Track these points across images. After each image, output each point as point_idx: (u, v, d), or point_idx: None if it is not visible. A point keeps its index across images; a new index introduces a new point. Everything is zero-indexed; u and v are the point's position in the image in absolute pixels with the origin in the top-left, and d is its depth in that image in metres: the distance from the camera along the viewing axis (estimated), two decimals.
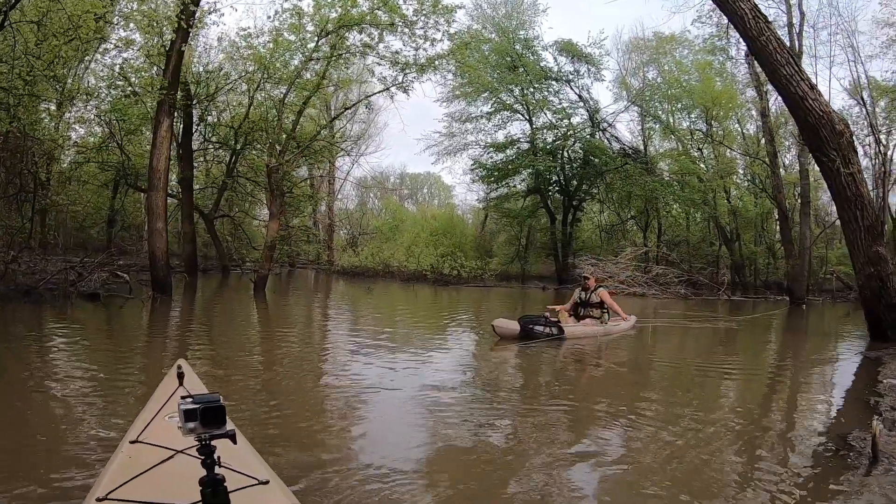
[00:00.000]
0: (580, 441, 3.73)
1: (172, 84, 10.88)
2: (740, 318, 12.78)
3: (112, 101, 13.11)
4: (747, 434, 4.08)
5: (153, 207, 11.17)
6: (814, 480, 3.20)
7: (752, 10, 9.12)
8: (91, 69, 13.47)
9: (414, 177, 47.35)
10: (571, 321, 8.06)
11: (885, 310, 8.30)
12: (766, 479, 3.17)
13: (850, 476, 3.22)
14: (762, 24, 9.07)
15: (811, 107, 8.65)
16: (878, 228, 8.45)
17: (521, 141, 22.73)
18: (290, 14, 13.24)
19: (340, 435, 3.70)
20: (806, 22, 16.18)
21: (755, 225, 22.31)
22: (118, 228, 18.59)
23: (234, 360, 5.90)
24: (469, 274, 20.06)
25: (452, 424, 3.91)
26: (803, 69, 8.91)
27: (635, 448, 3.65)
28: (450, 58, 14.12)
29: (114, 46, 11.35)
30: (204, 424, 1.58)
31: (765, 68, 9.48)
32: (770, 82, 9.98)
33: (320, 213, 29.52)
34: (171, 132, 11.33)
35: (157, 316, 9.23)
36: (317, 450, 3.30)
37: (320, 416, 4.10)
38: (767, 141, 17.43)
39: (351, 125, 28.25)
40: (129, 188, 17.29)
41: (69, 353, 5.99)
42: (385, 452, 3.28)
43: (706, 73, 20.15)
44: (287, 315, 10.66)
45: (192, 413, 1.57)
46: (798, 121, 9.30)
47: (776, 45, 8.98)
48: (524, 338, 7.36)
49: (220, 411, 1.60)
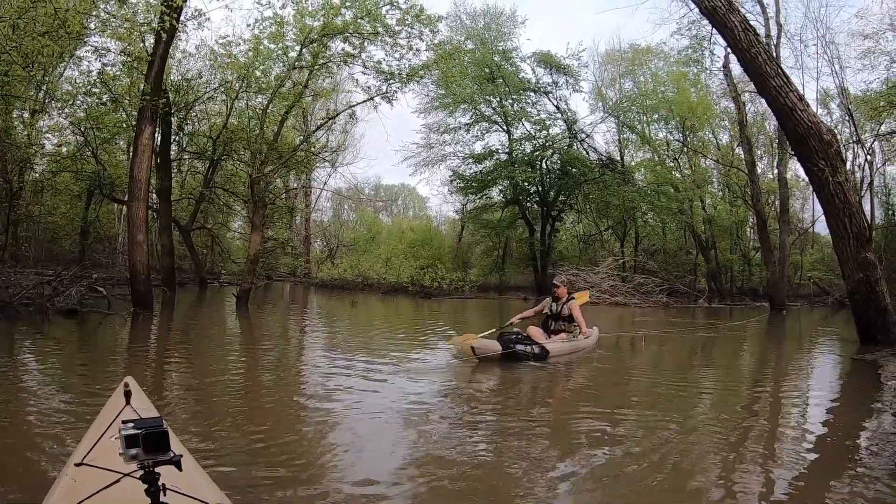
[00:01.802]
0: (565, 456, 3.57)
1: (155, 90, 10.51)
2: (732, 323, 13.03)
3: (88, 109, 12.56)
4: (769, 438, 4.16)
5: (134, 219, 10.71)
6: (843, 484, 3.20)
7: (742, 23, 9.32)
8: (66, 76, 12.96)
9: (389, 188, 47.24)
10: (542, 336, 7.22)
11: (875, 314, 8.52)
12: (792, 481, 3.23)
13: (874, 483, 3.20)
14: (752, 36, 9.27)
15: (800, 118, 8.85)
16: (865, 235, 8.68)
17: (499, 152, 22.84)
18: (271, 22, 13.04)
19: (315, 454, 3.51)
20: (789, 35, 16.71)
21: (730, 233, 22.85)
22: (91, 240, 17.86)
23: (219, 378, 5.59)
24: (450, 286, 19.93)
25: (432, 441, 3.75)
26: (792, 81, 9.11)
27: (631, 459, 3.53)
28: (435, 68, 14.08)
29: (93, 51, 10.90)
30: (147, 451, 1.51)
31: (754, 80, 9.66)
32: (759, 94, 10.17)
33: (296, 224, 29.04)
34: (152, 140, 10.93)
35: (141, 333, 8.79)
36: (291, 469, 3.14)
37: (296, 434, 3.86)
38: (745, 150, 17.88)
39: (327, 136, 27.99)
40: (105, 199, 16.63)
41: (43, 373, 5.53)
42: (359, 471, 3.15)
43: (682, 84, 20.60)
44: (272, 331, 10.26)
45: (133, 439, 1.51)
46: (787, 131, 9.52)
47: (765, 58, 9.19)
48: (507, 357, 6.61)
49: (163, 436, 1.53)
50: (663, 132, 23.14)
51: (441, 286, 19.73)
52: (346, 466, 3.25)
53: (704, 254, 22.02)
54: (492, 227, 23.69)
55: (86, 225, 17.10)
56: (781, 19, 15.42)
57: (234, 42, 13.73)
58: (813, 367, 7.87)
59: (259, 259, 14.43)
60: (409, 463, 3.34)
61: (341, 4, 13.13)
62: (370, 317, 13.47)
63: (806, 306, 19.05)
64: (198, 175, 20.35)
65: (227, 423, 3.97)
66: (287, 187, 23.93)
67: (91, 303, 10.24)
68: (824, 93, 15.75)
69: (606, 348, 8.06)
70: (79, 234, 17.21)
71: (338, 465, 3.27)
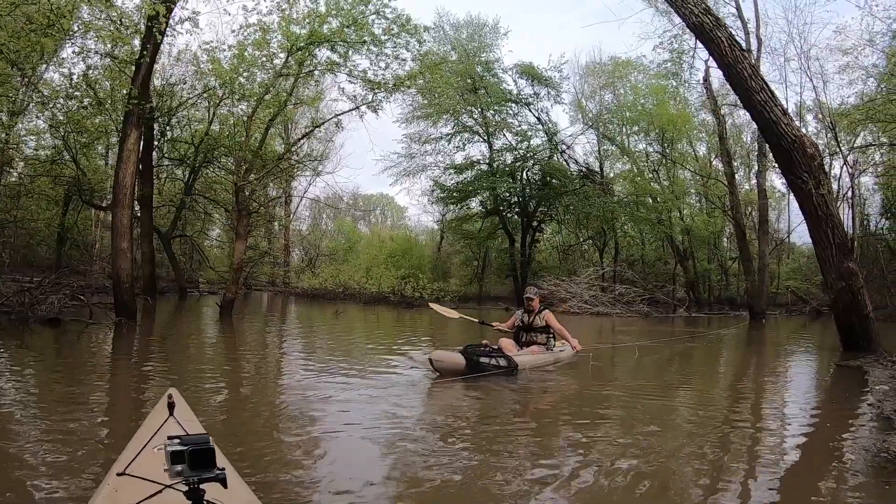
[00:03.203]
0: (545, 468, 3.51)
1: (142, 94, 10.31)
2: (716, 332, 13.27)
3: (68, 112, 12.25)
4: (760, 443, 4.28)
5: (118, 226, 10.44)
6: (844, 490, 3.29)
7: (729, 38, 9.56)
8: (45, 80, 12.62)
9: (367, 197, 47.02)
10: (514, 349, 6.80)
11: (858, 321, 8.77)
12: (782, 482, 3.37)
13: (882, 478, 3.39)
14: (738, 52, 9.53)
15: (784, 131, 9.10)
16: (847, 245, 8.94)
17: (480, 163, 22.89)
18: (255, 29, 12.93)
19: (291, 465, 3.43)
20: (770, 49, 17.20)
21: (708, 243, 23.34)
22: (68, 247, 17.36)
23: (214, 389, 5.49)
24: (431, 296, 19.87)
25: (412, 458, 3.64)
26: (776, 95, 9.38)
27: (615, 466, 3.54)
28: (421, 78, 14.12)
29: (79, 52, 10.65)
30: (192, 467, 1.50)
31: (739, 94, 9.91)
32: (744, 107, 10.45)
33: (275, 233, 28.69)
34: (138, 145, 10.70)
35: (126, 343, 8.55)
36: (273, 481, 3.08)
37: (279, 448, 3.76)
38: (725, 163, 18.32)
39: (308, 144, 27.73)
40: (84, 204, 16.21)
41: (23, 389, 5.16)
42: (338, 483, 3.10)
43: (661, 97, 21.05)
44: (259, 341, 10.04)
45: (178, 455, 1.50)
46: (771, 145, 9.77)
47: (751, 73, 9.43)
48: (472, 370, 6.04)
49: (209, 454, 1.52)
50: (643, 144, 23.62)
51: (422, 296, 19.68)
52: (321, 478, 3.19)
53: (683, 264, 22.45)
54: (472, 237, 23.73)
55: (63, 231, 16.63)
56: (762, 34, 15.88)
57: (218, 48, 13.61)
58: (800, 374, 8.09)
59: (243, 268, 14.22)
60: (386, 477, 3.28)
61: (328, 13, 13.14)
62: (355, 327, 13.34)
63: (784, 315, 19.54)
64: (177, 182, 19.98)
65: (222, 435, 3.84)
66: (267, 198, 23.65)
67: (72, 311, 9.91)
68: (800, 106, 16.22)
69: (597, 359, 7.85)
70: (56, 240, 16.73)
71: (315, 479, 3.20)
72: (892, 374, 6.60)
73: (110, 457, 3.23)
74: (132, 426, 4.07)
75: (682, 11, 10.12)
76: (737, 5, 15.78)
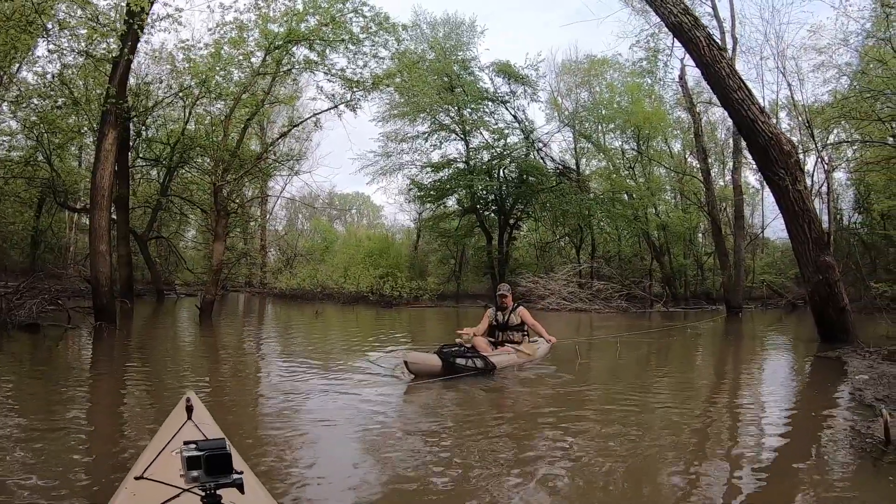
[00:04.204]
0: (527, 466, 3.52)
1: (120, 93, 10.08)
2: (695, 324, 13.53)
3: (42, 112, 11.88)
4: (743, 432, 4.47)
5: (96, 228, 10.19)
6: (835, 471, 3.49)
7: (707, 38, 9.77)
8: (17, 79, 12.20)
9: (343, 197, 46.68)
10: (489, 348, 6.67)
11: (834, 313, 9.05)
12: (781, 473, 3.46)
13: (868, 461, 3.61)
14: (716, 51, 9.74)
15: (761, 129, 9.34)
16: (824, 239, 9.23)
17: (457, 161, 22.85)
18: (232, 27, 12.71)
19: (278, 466, 3.43)
20: (745, 49, 17.57)
21: (683, 239, 23.79)
22: (42, 250, 16.84)
23: (204, 393, 5.39)
24: (410, 295, 19.84)
25: (392, 460, 3.64)
26: (753, 94, 9.61)
27: (595, 461, 3.59)
28: (399, 77, 14.04)
29: (54, 50, 10.33)
30: (209, 473, 1.49)
31: (717, 93, 10.11)
32: (722, 106, 10.67)
33: (251, 234, 28.26)
34: (116, 146, 10.44)
35: (108, 347, 8.35)
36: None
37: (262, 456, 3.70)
38: (701, 160, 18.66)
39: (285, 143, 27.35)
40: (59, 207, 15.75)
41: (8, 396, 5.04)
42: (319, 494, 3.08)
43: (637, 95, 21.34)
44: (242, 343, 9.88)
45: (195, 461, 1.50)
46: (749, 142, 9.98)
47: (728, 71, 9.65)
48: (448, 372, 5.97)
49: (226, 459, 1.51)
50: (618, 141, 23.88)
51: (401, 295, 19.62)
52: (297, 482, 3.17)
53: (659, 259, 22.83)
54: (449, 235, 23.71)
55: (37, 234, 16.13)
56: (737, 33, 16.24)
57: (194, 46, 13.34)
58: (781, 365, 8.31)
59: (222, 269, 13.98)
60: (365, 480, 3.27)
61: (305, 11, 13.00)
62: (336, 327, 13.21)
63: (760, 308, 20.03)
64: (153, 182, 19.58)
65: None
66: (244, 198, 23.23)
67: (50, 316, 9.65)
68: (776, 104, 16.64)
69: (577, 354, 7.70)
70: (29, 243, 16.21)
71: (293, 481, 3.19)
72: (870, 364, 6.84)
73: (117, 460, 3.19)
74: (131, 432, 4.03)
75: (661, 11, 10.29)
76: (713, 4, 16.11)
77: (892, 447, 3.75)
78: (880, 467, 3.50)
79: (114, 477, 2.93)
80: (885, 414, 3.90)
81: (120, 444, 3.69)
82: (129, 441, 3.78)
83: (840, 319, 9.00)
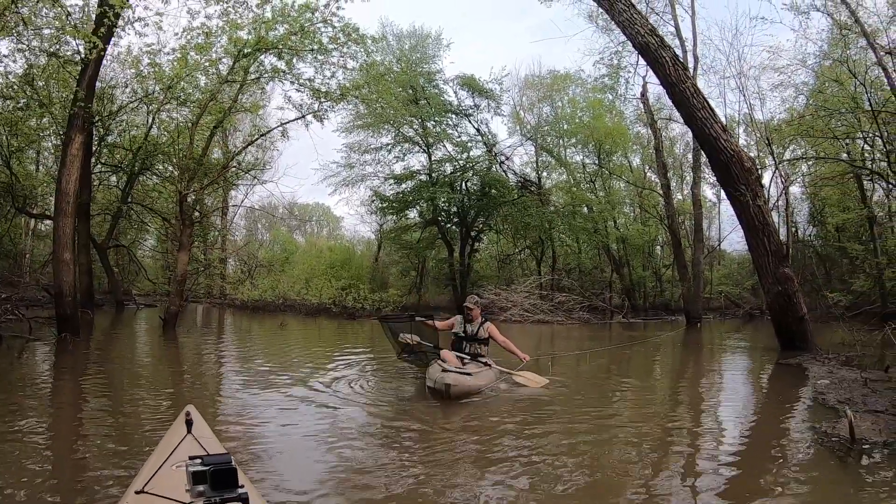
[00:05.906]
0: (490, 476, 3.54)
1: (88, 96, 9.80)
2: (659, 335, 13.90)
3: (2, 113, 11.38)
4: (722, 436, 4.64)
5: (60, 236, 9.79)
6: (808, 469, 3.74)
7: (672, 58, 10.24)
8: None
9: (303, 207, 46.06)
10: (456, 361, 6.25)
11: (794, 322, 9.51)
12: (757, 472, 3.64)
13: (836, 458, 3.90)
14: (681, 71, 10.21)
15: (723, 146, 9.80)
16: (782, 252, 9.72)
17: (420, 173, 22.75)
18: (199, 33, 12.51)
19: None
20: (709, 69, 18.33)
21: (642, 251, 24.48)
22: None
23: (166, 409, 5.24)
24: (373, 307, 19.69)
25: (354, 469, 3.66)
26: (716, 112, 10.10)
27: (560, 468, 3.67)
28: (367, 88, 14.06)
29: (15, 50, 9.96)
30: (214, 488, 1.51)
31: (682, 112, 10.57)
32: (686, 124, 11.15)
33: (210, 244, 27.53)
34: (83, 151, 10.12)
35: (73, 360, 7.95)
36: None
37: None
38: (661, 174, 19.32)
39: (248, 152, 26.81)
40: (17, 212, 15.03)
41: None
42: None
43: (598, 111, 21.90)
44: (208, 356, 9.55)
45: (201, 475, 1.51)
46: (711, 159, 10.46)
47: (693, 91, 10.12)
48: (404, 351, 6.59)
49: (231, 474, 1.53)
50: (580, 155, 24.38)
51: (364, 307, 19.49)
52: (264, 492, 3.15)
53: (619, 271, 23.41)
54: (410, 247, 23.59)
55: None
56: (699, 52, 17.00)
57: (160, 51, 13.05)
58: (743, 372, 8.61)
59: (186, 279, 13.62)
60: (328, 490, 3.29)
61: (274, 20, 12.91)
62: (300, 339, 12.93)
63: (718, 318, 20.77)
64: (113, 189, 18.95)
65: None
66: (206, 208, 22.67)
67: (10, 327, 9.21)
68: (738, 121, 17.44)
69: (550, 368, 7.70)
70: None
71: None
72: (829, 370, 7.26)
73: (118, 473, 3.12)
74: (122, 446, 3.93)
75: (628, 31, 10.72)
76: (675, 25, 16.82)
77: (857, 445, 4.04)
78: (848, 463, 3.80)
79: (107, 490, 2.89)
80: (849, 414, 4.22)
81: (112, 459, 3.60)
82: (122, 457, 3.66)
83: (799, 328, 9.46)
